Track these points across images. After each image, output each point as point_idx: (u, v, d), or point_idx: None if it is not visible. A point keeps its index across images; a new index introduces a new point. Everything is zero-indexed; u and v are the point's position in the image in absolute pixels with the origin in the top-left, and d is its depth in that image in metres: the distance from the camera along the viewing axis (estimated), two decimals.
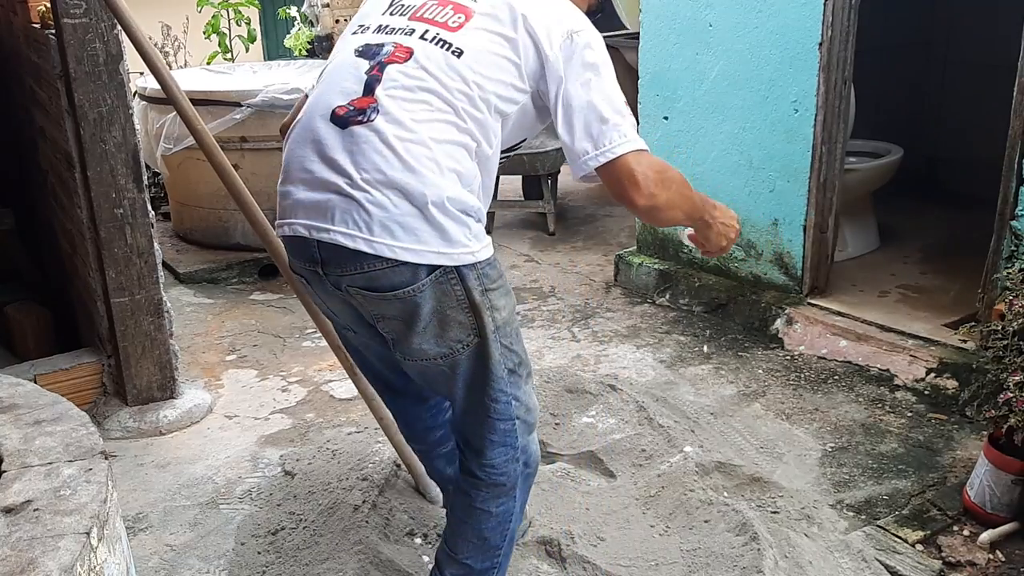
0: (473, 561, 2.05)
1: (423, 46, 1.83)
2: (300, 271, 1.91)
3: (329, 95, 1.84)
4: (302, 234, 1.79)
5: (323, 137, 1.79)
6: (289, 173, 1.84)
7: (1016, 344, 2.58)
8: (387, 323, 1.85)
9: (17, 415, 1.92)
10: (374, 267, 1.74)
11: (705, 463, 2.88)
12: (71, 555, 1.47)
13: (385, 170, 1.72)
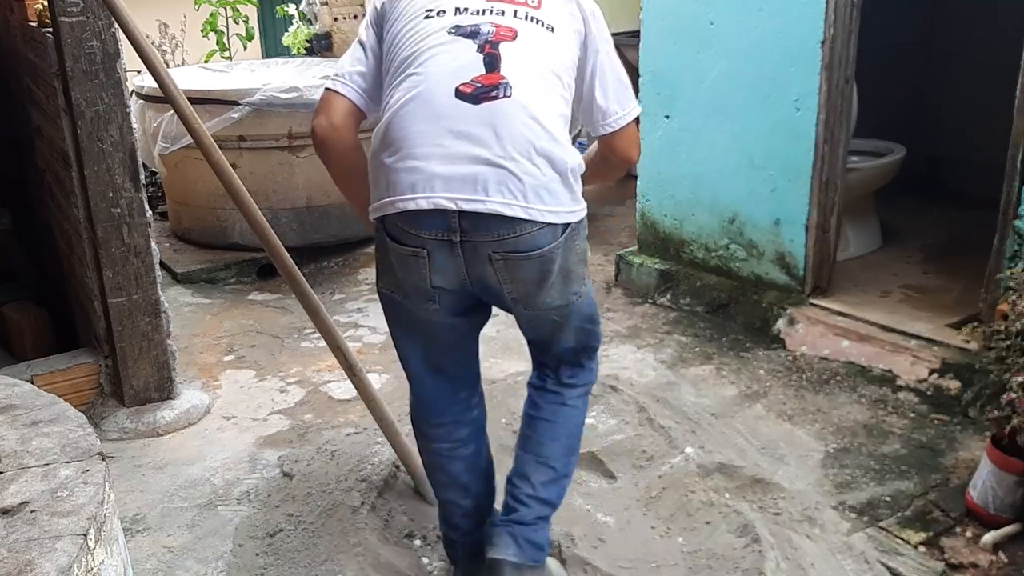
0: (559, 464, 2.24)
1: (522, 25, 1.95)
2: (420, 243, 1.92)
3: (443, 75, 1.90)
4: (444, 206, 1.85)
5: (454, 113, 1.87)
6: (413, 149, 1.87)
7: (1019, 344, 2.57)
8: (517, 284, 1.97)
9: (14, 416, 1.91)
10: (525, 231, 1.87)
11: (706, 464, 2.87)
12: (68, 557, 1.46)
13: (533, 141, 1.86)
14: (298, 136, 4.93)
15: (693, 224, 4.21)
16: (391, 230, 1.95)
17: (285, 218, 5.02)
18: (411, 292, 2.03)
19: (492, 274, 1.94)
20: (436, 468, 2.30)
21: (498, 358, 3.77)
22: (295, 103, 4.80)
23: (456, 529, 2.30)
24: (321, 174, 5.40)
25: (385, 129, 1.93)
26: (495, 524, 2.22)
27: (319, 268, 5.06)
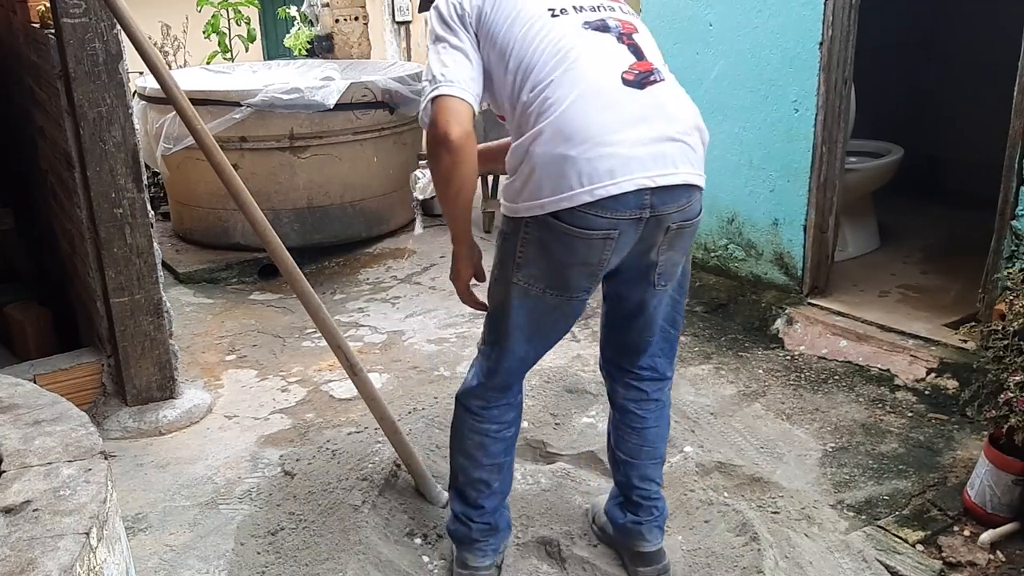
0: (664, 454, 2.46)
1: (632, 19, 2.10)
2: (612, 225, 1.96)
3: (602, 66, 1.97)
4: (645, 185, 1.93)
5: (627, 99, 1.95)
6: (602, 137, 1.91)
7: (1016, 344, 2.58)
8: (672, 255, 2.10)
9: (17, 415, 1.92)
10: (695, 199, 2.05)
11: (705, 463, 2.88)
12: (70, 555, 1.47)
13: (691, 118, 2.03)
14: (299, 137, 4.94)
15: None
16: (570, 219, 1.94)
17: (286, 218, 5.04)
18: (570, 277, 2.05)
19: (656, 247, 2.06)
20: (478, 448, 2.31)
21: None
22: (296, 104, 4.82)
23: (478, 509, 2.35)
24: (322, 174, 5.45)
25: (559, 124, 1.91)
26: (638, 522, 2.38)
27: (320, 268, 5.07)
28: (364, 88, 5.06)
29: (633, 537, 2.38)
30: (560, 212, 1.93)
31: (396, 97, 5.15)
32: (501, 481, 2.37)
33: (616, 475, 2.45)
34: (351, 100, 4.99)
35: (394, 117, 5.24)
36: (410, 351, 3.92)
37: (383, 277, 4.92)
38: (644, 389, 2.35)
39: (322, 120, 4.95)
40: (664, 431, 2.42)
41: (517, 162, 1.99)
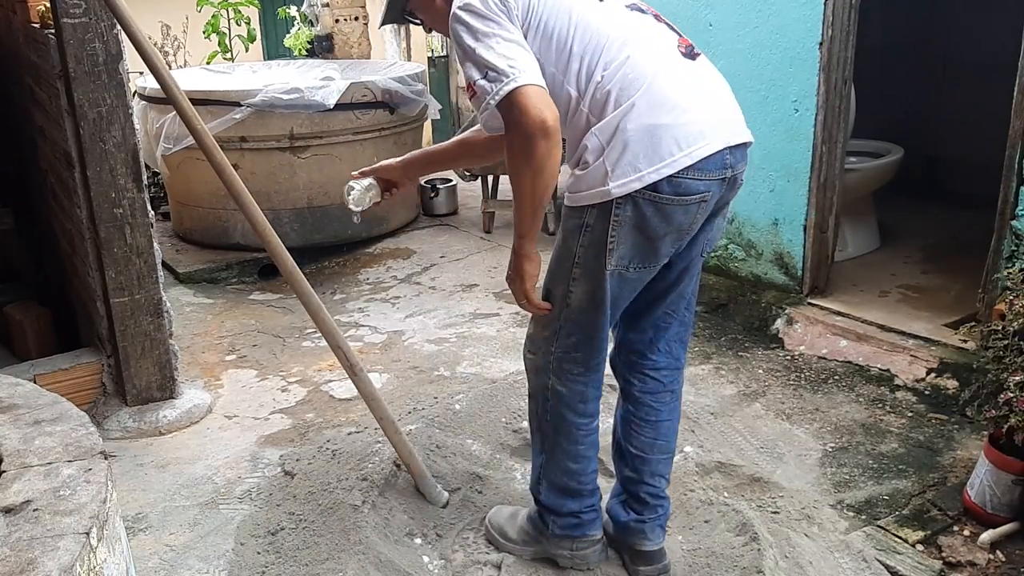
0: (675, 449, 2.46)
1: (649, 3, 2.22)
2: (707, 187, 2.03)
3: (661, 42, 2.07)
4: (727, 143, 2.03)
5: (689, 69, 2.06)
6: (685, 104, 2.00)
7: (1016, 344, 2.58)
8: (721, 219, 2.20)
9: (17, 415, 1.92)
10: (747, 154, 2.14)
11: (705, 463, 2.88)
12: (71, 555, 1.47)
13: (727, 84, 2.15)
14: (299, 137, 4.94)
15: None
16: (669, 187, 1.98)
17: (286, 218, 5.04)
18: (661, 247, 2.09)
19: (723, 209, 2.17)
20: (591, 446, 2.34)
21: (498, 358, 3.78)
22: (296, 104, 4.82)
23: (591, 495, 2.38)
24: (322, 174, 5.46)
25: (651, 96, 1.97)
26: (642, 520, 2.38)
27: (320, 268, 5.07)
28: (364, 88, 5.06)
29: (635, 536, 2.38)
30: (659, 182, 1.96)
31: (396, 97, 5.15)
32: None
33: (623, 472, 2.43)
34: (351, 100, 4.99)
35: (394, 117, 5.23)
36: (410, 351, 3.92)
37: (383, 277, 4.92)
38: (661, 380, 2.34)
39: (322, 120, 4.95)
40: (676, 424, 2.42)
41: (603, 142, 1.99)
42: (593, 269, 2.10)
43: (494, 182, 5.64)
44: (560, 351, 2.22)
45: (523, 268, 2.13)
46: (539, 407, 2.32)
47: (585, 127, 2.03)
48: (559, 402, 2.26)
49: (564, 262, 2.15)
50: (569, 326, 2.19)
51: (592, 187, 2.03)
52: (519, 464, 2.93)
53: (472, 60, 1.97)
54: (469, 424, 3.13)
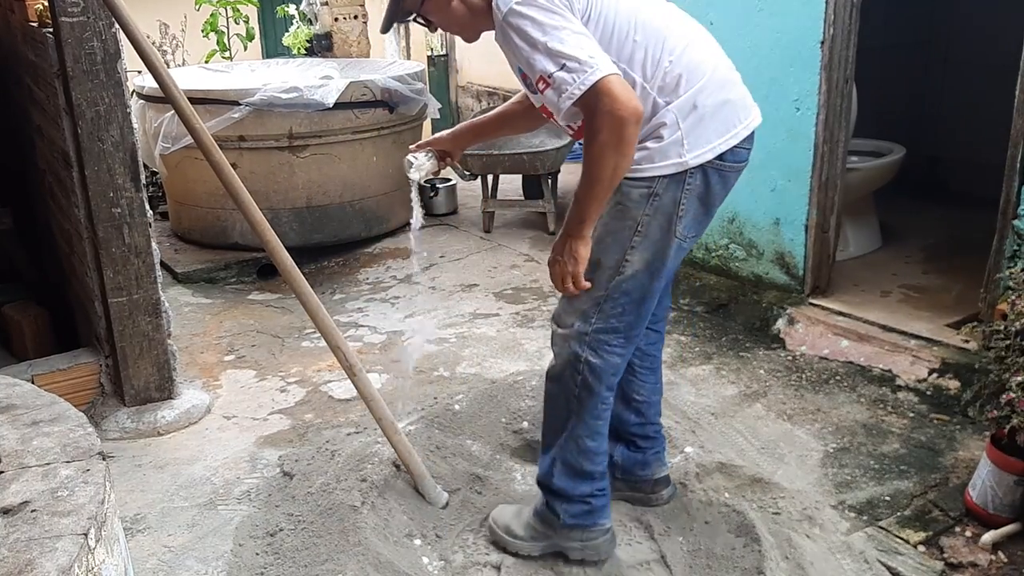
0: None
1: None
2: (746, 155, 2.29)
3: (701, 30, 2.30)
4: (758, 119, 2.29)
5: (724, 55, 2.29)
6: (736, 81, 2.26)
7: (1019, 344, 2.57)
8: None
9: (14, 415, 1.92)
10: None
11: (706, 464, 2.88)
12: (69, 556, 1.47)
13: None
14: (298, 136, 4.94)
15: None
16: (732, 156, 2.22)
17: (285, 218, 5.03)
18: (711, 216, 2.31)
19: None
20: (605, 421, 2.40)
21: (498, 358, 3.78)
22: (295, 103, 4.81)
23: (602, 478, 2.42)
24: (321, 174, 5.46)
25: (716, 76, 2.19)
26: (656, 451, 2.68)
27: (319, 268, 5.07)
28: (363, 87, 5.05)
29: (651, 466, 2.67)
30: (725, 152, 2.18)
31: (395, 96, 5.14)
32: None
33: (630, 420, 2.62)
34: (350, 99, 4.98)
35: (393, 116, 5.22)
36: (409, 351, 3.91)
37: (383, 277, 4.91)
38: (659, 330, 2.61)
39: (321, 119, 4.94)
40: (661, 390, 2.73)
41: (680, 118, 2.14)
42: (657, 238, 2.20)
43: (494, 182, 5.63)
44: (601, 322, 2.25)
45: (580, 251, 2.16)
46: (566, 384, 2.32)
47: (652, 108, 2.14)
48: (591, 374, 2.29)
49: (622, 232, 2.20)
50: (617, 295, 2.23)
51: (667, 158, 2.15)
52: (519, 465, 2.92)
53: (544, 53, 2.00)
54: (469, 425, 3.13)
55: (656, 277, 2.24)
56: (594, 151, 2.01)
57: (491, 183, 5.60)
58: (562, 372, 2.32)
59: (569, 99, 1.97)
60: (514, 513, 2.54)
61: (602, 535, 2.42)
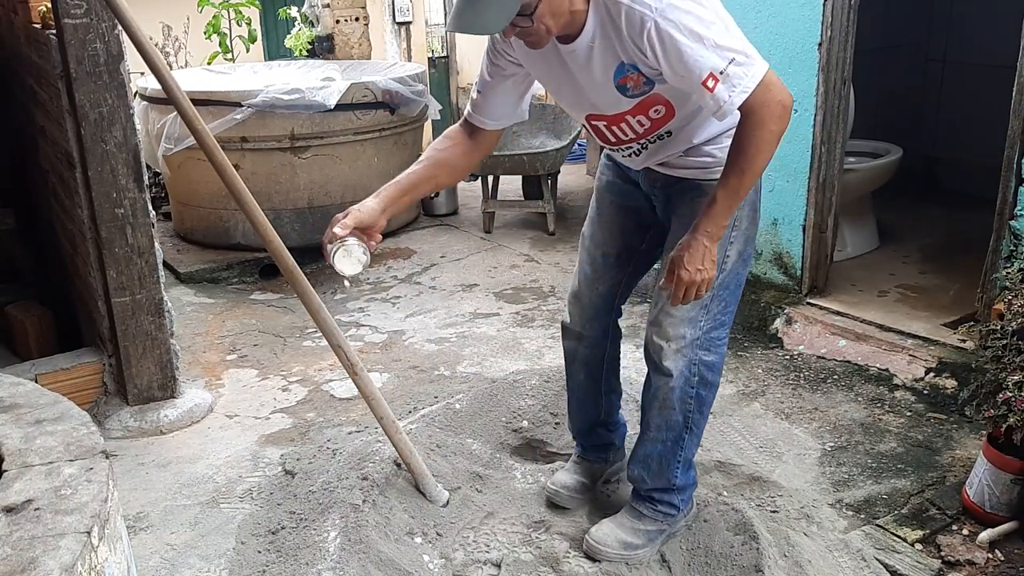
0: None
1: None
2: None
3: None
4: None
5: None
6: None
7: (1015, 344, 2.58)
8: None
9: (18, 414, 1.92)
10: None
11: (704, 462, 2.88)
12: (72, 554, 1.47)
13: None
14: (300, 137, 4.95)
15: None
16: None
17: (287, 218, 5.05)
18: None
19: None
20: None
21: (498, 357, 3.79)
22: (297, 105, 4.83)
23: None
24: (323, 175, 5.48)
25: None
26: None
27: (320, 268, 5.07)
28: (365, 89, 5.07)
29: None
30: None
31: (396, 98, 5.16)
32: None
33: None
34: (352, 101, 5.00)
35: (394, 117, 5.24)
36: (410, 351, 3.93)
37: (383, 277, 4.92)
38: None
39: (323, 120, 4.96)
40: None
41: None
42: (746, 227, 2.25)
43: (494, 182, 5.64)
44: (709, 322, 2.26)
45: (714, 255, 2.10)
46: (684, 388, 2.30)
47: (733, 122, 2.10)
48: (708, 371, 2.31)
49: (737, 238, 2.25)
50: (721, 293, 2.25)
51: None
52: (519, 463, 2.93)
53: (713, 48, 1.89)
54: (469, 423, 3.14)
55: (747, 264, 2.32)
56: (758, 143, 1.97)
57: (491, 184, 5.61)
58: (677, 381, 2.29)
59: (743, 94, 1.91)
60: (616, 527, 2.48)
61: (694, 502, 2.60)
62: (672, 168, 2.25)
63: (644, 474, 2.44)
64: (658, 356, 2.28)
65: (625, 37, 1.94)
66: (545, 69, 2.15)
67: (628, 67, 2.01)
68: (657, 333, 2.28)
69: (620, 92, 2.07)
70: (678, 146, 2.20)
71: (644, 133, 2.16)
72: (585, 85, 2.11)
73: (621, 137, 2.21)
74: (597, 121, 2.20)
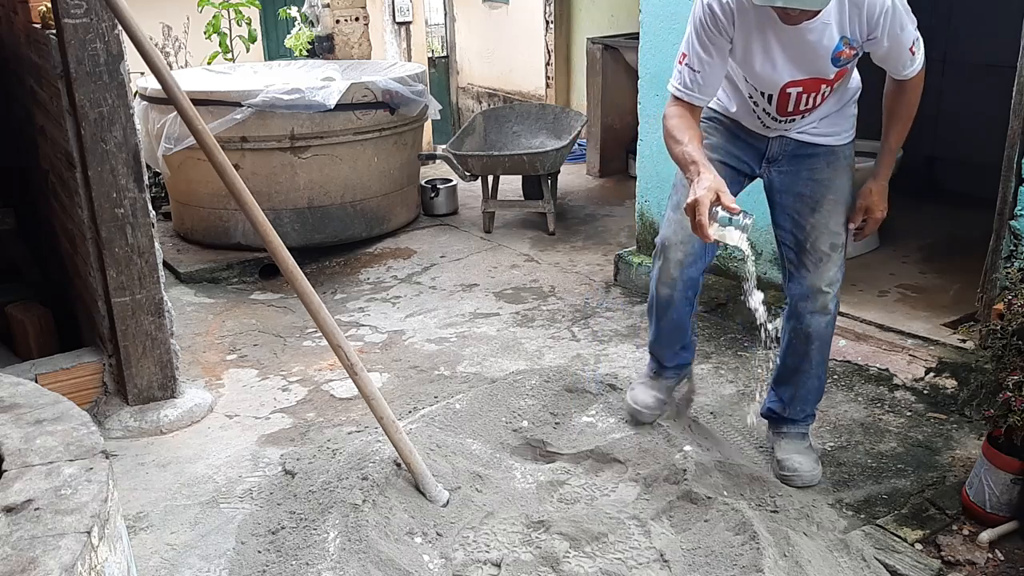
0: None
1: None
2: None
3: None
4: None
5: None
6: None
7: (1015, 344, 2.58)
8: None
9: (18, 414, 1.92)
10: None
11: (705, 462, 2.88)
12: (72, 554, 1.47)
13: None
14: (300, 137, 4.95)
15: None
16: None
17: (287, 218, 5.05)
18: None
19: None
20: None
21: (498, 357, 3.79)
22: (297, 105, 4.83)
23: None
24: (323, 175, 5.49)
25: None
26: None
27: (321, 268, 5.08)
28: (364, 89, 5.07)
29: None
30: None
31: (396, 98, 5.16)
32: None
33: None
34: (352, 100, 5.00)
35: (394, 117, 5.24)
36: (410, 351, 3.93)
37: (383, 277, 4.93)
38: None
39: (323, 120, 4.96)
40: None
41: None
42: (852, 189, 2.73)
43: (494, 182, 5.65)
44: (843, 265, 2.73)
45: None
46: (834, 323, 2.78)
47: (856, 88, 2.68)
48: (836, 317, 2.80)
49: (849, 189, 2.69)
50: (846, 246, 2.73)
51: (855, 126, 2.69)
52: (519, 463, 2.93)
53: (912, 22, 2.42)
54: (469, 423, 3.14)
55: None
56: (919, 94, 2.57)
57: (491, 184, 5.61)
58: (834, 320, 2.76)
59: (922, 56, 2.49)
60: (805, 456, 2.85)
61: None
62: (809, 135, 2.65)
63: (806, 407, 2.88)
64: (823, 299, 2.70)
65: (863, 15, 2.35)
66: (758, 43, 2.44)
67: (850, 40, 2.39)
68: (823, 282, 2.68)
69: (833, 63, 2.44)
70: (820, 113, 2.61)
71: (821, 101, 2.56)
72: (803, 56, 2.43)
73: (803, 105, 2.54)
74: (793, 88, 2.50)
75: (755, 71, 2.50)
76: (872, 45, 2.42)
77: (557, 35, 7.64)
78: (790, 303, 2.78)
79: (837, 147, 2.65)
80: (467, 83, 9.38)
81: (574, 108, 6.98)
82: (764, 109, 2.59)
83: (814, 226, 2.65)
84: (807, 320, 2.72)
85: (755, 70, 2.50)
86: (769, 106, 2.57)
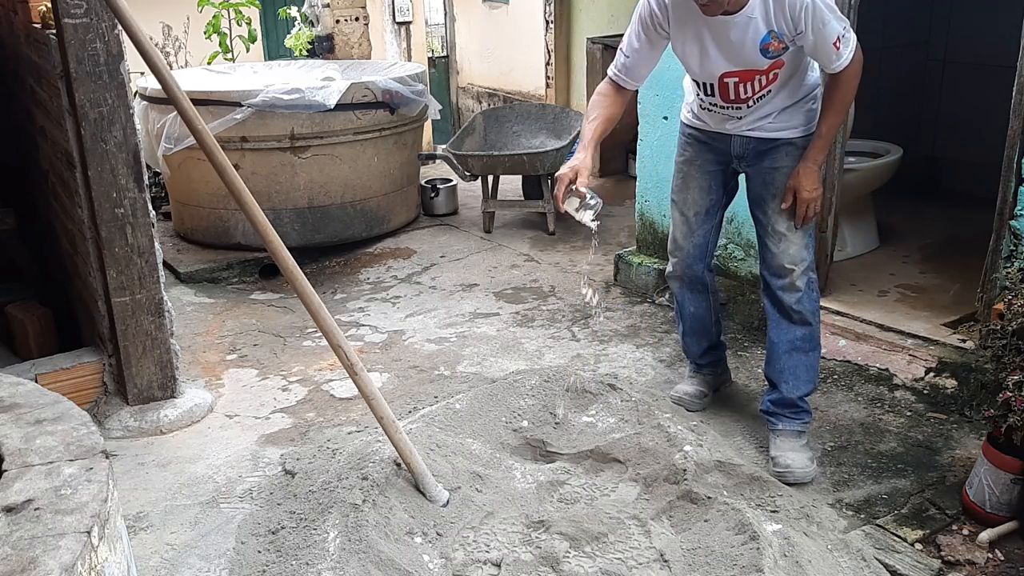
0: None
1: None
2: None
3: None
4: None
5: None
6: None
7: (1015, 344, 2.58)
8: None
9: (18, 414, 1.93)
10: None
11: (705, 462, 2.88)
12: (72, 554, 1.47)
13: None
14: (300, 137, 4.95)
15: None
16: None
17: (287, 218, 5.05)
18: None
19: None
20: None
21: (498, 357, 3.79)
22: (297, 104, 4.83)
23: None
24: (323, 174, 5.49)
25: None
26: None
27: (321, 268, 5.08)
28: (364, 88, 5.07)
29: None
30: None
31: (396, 97, 5.16)
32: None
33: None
34: (352, 100, 5.00)
35: (394, 117, 5.24)
36: (410, 350, 3.93)
37: (383, 277, 4.93)
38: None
39: (323, 120, 4.96)
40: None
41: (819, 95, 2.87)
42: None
43: (494, 182, 5.65)
44: (810, 248, 2.92)
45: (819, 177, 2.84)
46: (811, 298, 2.93)
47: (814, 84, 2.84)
48: (816, 285, 2.96)
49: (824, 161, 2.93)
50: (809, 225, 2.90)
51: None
52: (518, 463, 2.93)
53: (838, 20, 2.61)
54: (469, 423, 3.14)
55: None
56: (850, 89, 2.73)
57: (491, 184, 5.61)
58: (808, 296, 2.91)
59: (851, 53, 2.63)
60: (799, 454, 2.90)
61: None
62: (764, 131, 2.84)
63: (795, 382, 2.95)
64: (789, 278, 2.88)
65: (786, 11, 2.55)
66: (692, 36, 2.70)
67: (776, 34, 2.59)
68: (786, 260, 2.86)
69: (763, 55, 2.64)
70: (774, 107, 2.80)
71: (760, 90, 2.73)
72: (732, 48, 2.65)
73: (744, 93, 2.74)
74: (730, 78, 2.73)
75: (694, 63, 2.78)
76: (800, 39, 2.62)
77: (557, 35, 7.64)
78: (762, 282, 3.00)
79: (795, 139, 2.84)
80: (467, 83, 9.38)
81: (574, 108, 6.98)
82: (712, 101, 2.85)
83: (774, 209, 2.87)
84: (778, 295, 2.93)
85: (694, 61, 2.77)
86: (714, 97, 2.82)
